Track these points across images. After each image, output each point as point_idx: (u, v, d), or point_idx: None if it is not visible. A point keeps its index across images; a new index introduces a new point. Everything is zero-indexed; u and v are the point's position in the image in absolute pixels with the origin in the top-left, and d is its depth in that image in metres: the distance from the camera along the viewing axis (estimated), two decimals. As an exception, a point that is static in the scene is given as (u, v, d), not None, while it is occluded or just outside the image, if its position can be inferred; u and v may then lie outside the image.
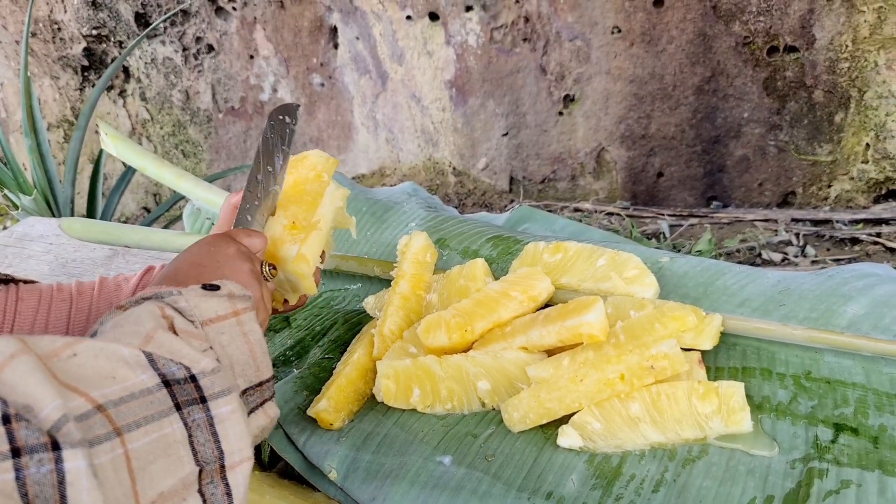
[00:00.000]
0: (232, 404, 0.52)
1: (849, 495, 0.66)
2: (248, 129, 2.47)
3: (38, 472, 0.38)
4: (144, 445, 0.46)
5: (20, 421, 0.39)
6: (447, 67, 1.97)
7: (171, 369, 0.50)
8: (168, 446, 0.47)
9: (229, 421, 0.51)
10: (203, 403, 0.51)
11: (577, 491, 0.73)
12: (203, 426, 0.50)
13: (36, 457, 0.39)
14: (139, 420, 0.46)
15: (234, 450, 0.51)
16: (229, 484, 0.51)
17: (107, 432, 0.44)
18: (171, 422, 0.48)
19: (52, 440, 0.40)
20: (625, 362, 0.77)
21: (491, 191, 2.09)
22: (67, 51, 2.59)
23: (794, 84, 1.55)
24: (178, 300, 0.58)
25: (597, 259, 0.96)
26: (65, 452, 0.40)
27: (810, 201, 1.65)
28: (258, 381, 0.60)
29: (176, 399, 0.49)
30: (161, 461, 0.46)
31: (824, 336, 0.81)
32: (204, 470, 0.49)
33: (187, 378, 0.51)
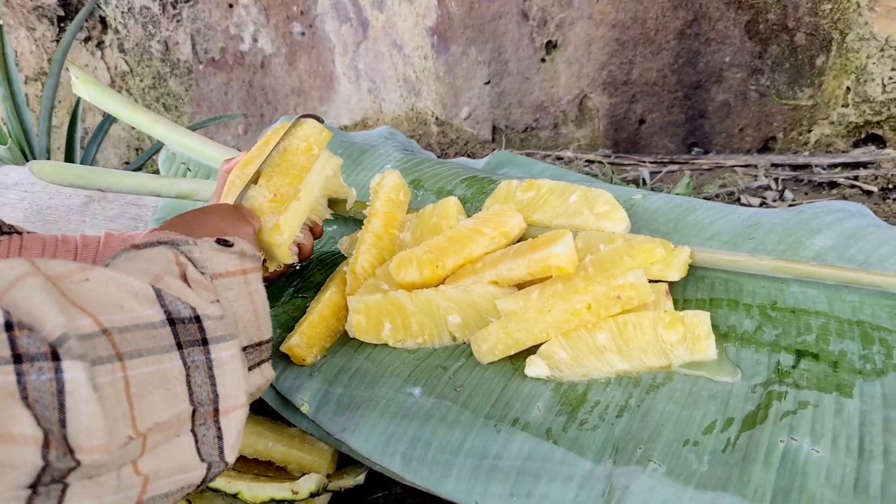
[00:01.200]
0: (232, 350, 0.53)
1: (805, 415, 0.67)
2: (229, 81, 2.44)
3: (38, 380, 0.39)
4: (144, 374, 0.46)
5: (22, 329, 0.40)
6: (428, 14, 1.94)
7: (178, 307, 0.51)
8: (167, 381, 0.48)
9: (228, 366, 0.52)
10: (204, 346, 0.52)
11: (542, 417, 0.74)
12: (202, 368, 0.51)
13: (36, 364, 0.40)
14: (141, 350, 0.47)
15: (230, 395, 0.52)
16: (221, 428, 0.52)
17: (109, 354, 0.45)
18: (171, 358, 0.49)
19: (53, 350, 0.41)
20: (592, 292, 0.78)
21: (474, 140, 2.08)
22: (42, 0, 2.53)
23: (775, 27, 1.54)
24: (193, 250, 0.59)
25: (569, 196, 0.96)
26: (64, 363, 0.41)
27: (790, 146, 1.65)
28: (258, 341, 0.61)
29: (178, 338, 0.50)
30: (159, 393, 0.47)
31: (790, 266, 0.82)
32: (198, 411, 0.50)
33: (192, 318, 0.52)
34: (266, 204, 0.85)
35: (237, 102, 2.45)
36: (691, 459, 0.66)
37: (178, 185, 1.13)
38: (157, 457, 0.47)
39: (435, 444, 0.74)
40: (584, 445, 0.70)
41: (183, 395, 0.49)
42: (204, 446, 0.51)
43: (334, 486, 0.86)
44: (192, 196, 1.14)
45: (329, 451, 0.87)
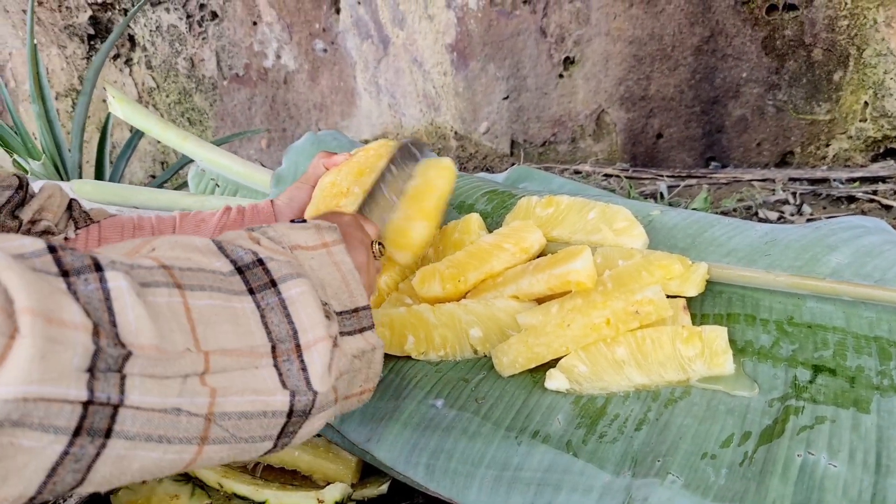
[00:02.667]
0: (301, 287, 0.53)
1: (822, 430, 0.68)
2: (252, 97, 2.49)
3: (86, 289, 0.41)
4: (206, 306, 0.47)
5: (65, 250, 0.42)
6: (448, 31, 1.97)
7: (239, 254, 0.53)
8: (236, 317, 0.49)
9: (300, 302, 0.53)
10: (274, 287, 0.52)
11: (562, 429, 0.76)
12: (276, 308, 0.52)
13: (82, 276, 0.41)
14: (204, 285, 0.48)
15: (307, 327, 0.53)
16: (304, 360, 0.52)
17: (166, 281, 0.46)
18: (241, 300, 0.50)
19: (96, 263, 0.43)
20: (610, 307, 0.80)
21: (492, 154, 2.11)
22: (73, 19, 2.60)
23: (793, 43, 1.55)
24: (268, 230, 0.60)
25: (588, 212, 0.98)
26: (107, 273, 0.42)
27: (808, 161, 1.65)
28: (353, 307, 0.61)
29: (249, 284, 0.51)
30: (227, 325, 0.48)
31: (807, 282, 0.83)
32: (278, 347, 0.51)
33: (255, 262, 0.53)
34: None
35: (260, 117, 2.49)
36: (709, 472, 0.67)
37: (208, 201, 1.17)
38: (228, 377, 0.48)
39: (457, 454, 0.75)
40: (604, 458, 0.71)
41: (259, 332, 0.50)
42: (289, 379, 0.51)
43: (358, 496, 0.88)
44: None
45: (353, 460, 0.89)
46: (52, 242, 0.42)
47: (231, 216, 0.94)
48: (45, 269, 0.40)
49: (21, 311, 0.37)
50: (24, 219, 0.80)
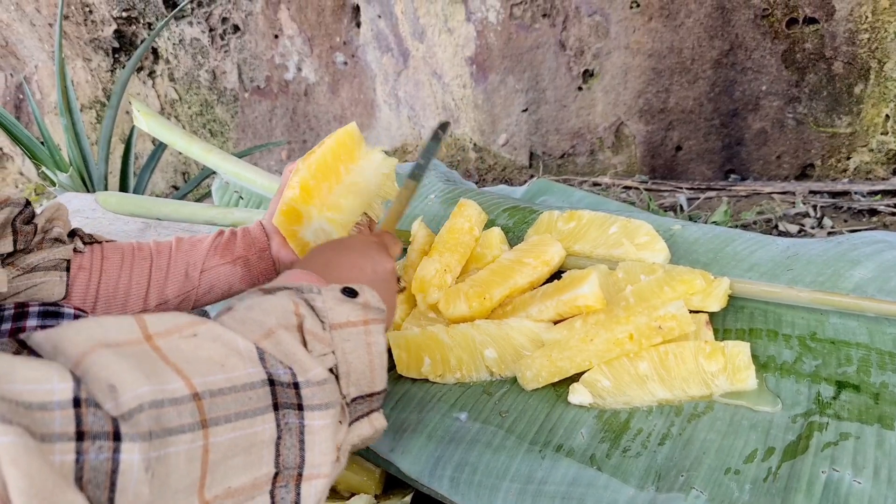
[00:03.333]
0: (326, 420, 0.53)
1: (847, 447, 0.69)
2: (273, 108, 2.52)
3: (97, 459, 0.40)
4: (228, 441, 0.47)
5: (89, 406, 0.41)
6: (468, 44, 1.99)
7: (278, 371, 0.51)
8: (252, 445, 0.48)
9: (319, 435, 0.52)
10: (300, 410, 0.51)
11: (586, 444, 0.77)
12: (294, 431, 0.51)
13: (97, 443, 0.40)
14: (230, 415, 0.47)
15: (316, 463, 0.52)
16: (301, 494, 0.51)
17: (192, 423, 0.45)
18: (264, 420, 0.49)
19: (115, 430, 0.41)
20: (634, 323, 0.80)
21: (511, 166, 2.12)
22: (98, 33, 2.65)
23: (813, 56, 1.55)
24: (316, 299, 0.59)
25: (609, 226, 0.99)
26: (124, 444, 0.41)
27: (829, 173, 1.65)
28: (369, 392, 0.61)
29: (276, 399, 0.50)
30: (240, 458, 0.47)
31: (830, 298, 0.83)
32: (281, 474, 0.50)
33: (291, 384, 0.52)
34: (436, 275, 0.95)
35: (281, 129, 2.52)
36: (733, 488, 0.68)
37: (231, 214, 1.18)
38: None
39: (481, 467, 0.76)
40: (628, 472, 0.72)
41: (268, 458, 0.49)
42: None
43: (382, 507, 0.89)
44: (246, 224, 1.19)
45: (377, 472, 0.90)
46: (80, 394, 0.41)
47: (223, 237, 0.93)
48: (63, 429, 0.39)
49: None
50: (38, 224, 0.82)
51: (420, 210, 1.19)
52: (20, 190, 3.24)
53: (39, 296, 0.78)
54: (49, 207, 0.86)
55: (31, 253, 0.80)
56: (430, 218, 1.17)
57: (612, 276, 0.91)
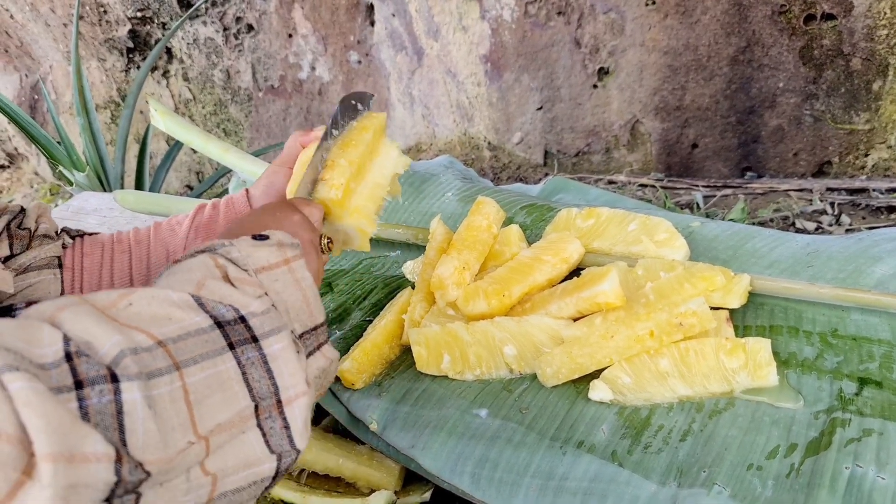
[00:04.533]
0: (283, 342, 0.54)
1: (870, 443, 0.68)
2: (287, 108, 2.53)
3: (100, 402, 0.42)
4: (201, 380, 0.48)
5: (80, 357, 0.43)
6: (482, 42, 1.99)
7: (220, 311, 0.53)
8: (223, 382, 0.50)
9: (281, 358, 0.53)
10: (255, 343, 0.53)
11: (607, 440, 0.77)
12: (257, 364, 0.52)
13: (97, 388, 0.42)
14: (196, 356, 0.49)
15: (289, 385, 0.53)
16: (287, 418, 0.53)
17: (167, 366, 0.47)
18: (224, 360, 0.50)
19: (111, 373, 0.43)
20: (654, 319, 0.80)
21: (526, 164, 2.12)
22: (113, 33, 2.67)
23: (830, 52, 1.54)
24: (231, 250, 0.60)
25: (628, 224, 0.99)
26: (122, 384, 0.43)
27: (846, 171, 1.64)
28: (312, 326, 0.62)
29: (229, 339, 0.51)
30: (217, 395, 0.49)
31: (851, 294, 0.83)
32: (260, 405, 0.51)
33: (236, 319, 0.53)
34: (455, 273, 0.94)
35: (295, 128, 2.53)
36: (755, 484, 0.68)
37: (249, 211, 1.19)
38: (223, 455, 0.49)
39: (502, 463, 0.77)
40: (649, 468, 0.72)
41: (242, 392, 0.51)
42: (272, 438, 0.52)
43: (402, 503, 0.90)
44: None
45: (397, 468, 0.90)
46: (70, 348, 0.43)
47: (204, 214, 0.92)
48: (61, 383, 0.41)
49: (42, 458, 0.37)
50: (30, 227, 0.83)
51: (438, 208, 1.20)
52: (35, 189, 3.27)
53: (36, 296, 0.79)
54: (33, 208, 0.86)
55: (21, 253, 0.81)
56: (448, 216, 1.17)
57: (631, 273, 0.91)
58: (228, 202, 0.93)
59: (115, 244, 0.90)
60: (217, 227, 0.91)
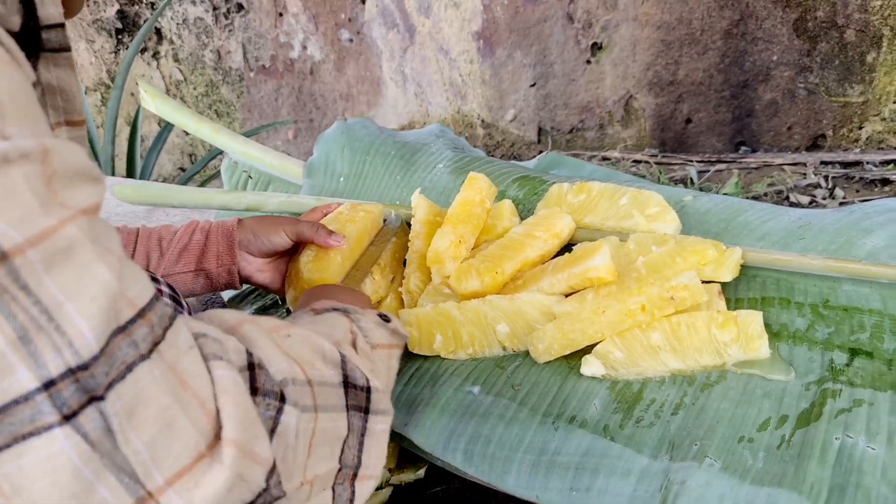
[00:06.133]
0: (386, 424, 0.59)
1: (860, 413, 0.68)
2: (279, 88, 2.51)
3: (265, 414, 0.45)
4: (325, 428, 0.52)
5: (261, 369, 0.46)
6: (474, 19, 1.97)
7: (356, 375, 0.57)
8: (334, 438, 0.53)
9: (376, 438, 0.58)
10: (365, 414, 0.57)
11: (599, 414, 0.77)
12: (356, 433, 0.56)
13: (267, 400, 0.46)
14: (327, 406, 0.52)
15: (370, 464, 0.57)
16: (355, 492, 0.56)
17: (311, 405, 0.50)
18: (342, 417, 0.54)
19: (281, 392, 0.47)
20: (645, 294, 0.80)
21: (520, 142, 2.11)
22: (101, 14, 2.64)
23: (824, 24, 1.53)
24: (361, 320, 0.65)
25: (619, 198, 0.98)
26: (287, 406, 0.47)
27: (840, 143, 1.64)
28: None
29: (348, 401, 0.55)
30: (326, 448, 0.52)
31: (842, 265, 0.83)
32: (341, 471, 0.54)
33: (364, 388, 0.57)
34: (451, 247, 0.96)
35: (287, 108, 2.51)
36: (747, 456, 0.68)
37: (245, 198, 1.19)
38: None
39: (495, 440, 0.77)
40: (641, 442, 0.72)
41: (337, 453, 0.54)
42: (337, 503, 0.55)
43: (396, 481, 0.90)
44: (258, 208, 1.19)
45: (391, 446, 0.90)
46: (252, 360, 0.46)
47: (193, 239, 0.95)
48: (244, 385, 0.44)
49: (227, 442, 0.40)
50: None
51: (429, 181, 1.19)
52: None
53: None
54: None
55: None
56: (440, 189, 1.16)
57: (623, 248, 0.91)
58: (220, 228, 0.97)
59: None
60: (207, 253, 0.95)
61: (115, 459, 0.36)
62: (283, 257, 1.01)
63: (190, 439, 0.39)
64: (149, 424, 0.38)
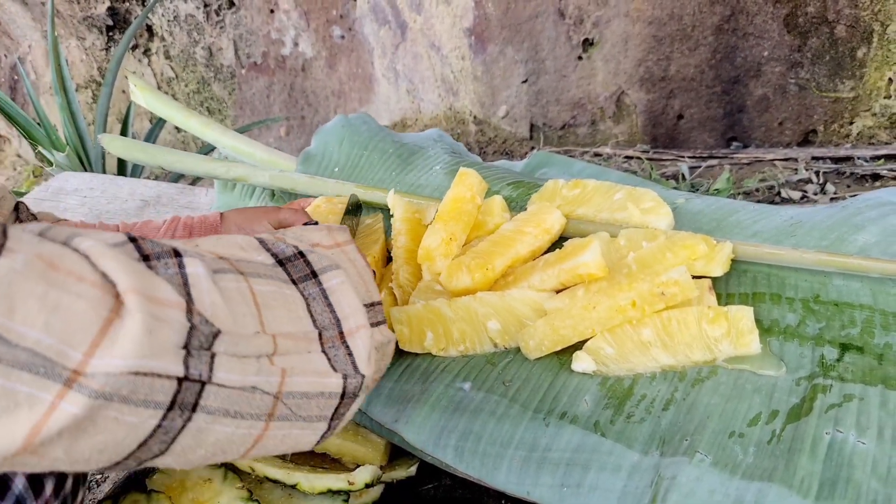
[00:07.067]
0: (339, 277, 0.57)
1: (850, 408, 0.69)
2: (270, 85, 2.50)
3: (167, 273, 0.44)
4: (267, 292, 0.51)
5: (144, 240, 0.45)
6: (465, 15, 1.97)
7: (281, 247, 0.56)
8: (289, 302, 0.52)
9: (339, 291, 0.56)
10: (315, 278, 0.56)
11: (590, 410, 0.77)
12: (318, 298, 0.55)
13: (162, 261, 0.45)
14: (260, 272, 0.52)
15: (348, 315, 0.56)
16: (349, 346, 0.55)
17: (231, 269, 0.49)
18: (290, 288, 0.53)
19: (174, 249, 0.46)
20: (636, 289, 0.80)
21: (512, 138, 2.10)
22: (92, 11, 2.62)
23: (815, 20, 1.53)
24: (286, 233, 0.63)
25: (614, 193, 0.98)
26: (185, 259, 0.46)
27: (831, 139, 1.64)
28: (370, 301, 0.63)
29: (291, 276, 0.55)
30: (283, 310, 0.51)
31: (833, 259, 0.83)
32: (323, 335, 0.54)
33: (296, 254, 0.56)
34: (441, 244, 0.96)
35: (279, 105, 2.50)
36: (737, 451, 0.68)
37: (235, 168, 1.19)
38: (290, 359, 0.51)
39: (486, 436, 0.77)
40: (632, 437, 0.72)
41: (306, 319, 0.53)
42: (337, 362, 0.54)
43: (387, 478, 0.90)
44: (246, 179, 1.19)
45: (382, 443, 0.90)
46: (131, 233, 0.45)
47: (177, 231, 0.95)
48: (129, 255, 0.43)
49: (127, 291, 0.40)
50: None
51: (425, 180, 1.18)
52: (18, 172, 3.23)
53: None
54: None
55: None
56: (435, 188, 1.16)
57: (613, 244, 0.90)
58: (203, 223, 0.97)
59: None
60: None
61: (18, 357, 0.37)
62: None
63: (86, 312, 0.39)
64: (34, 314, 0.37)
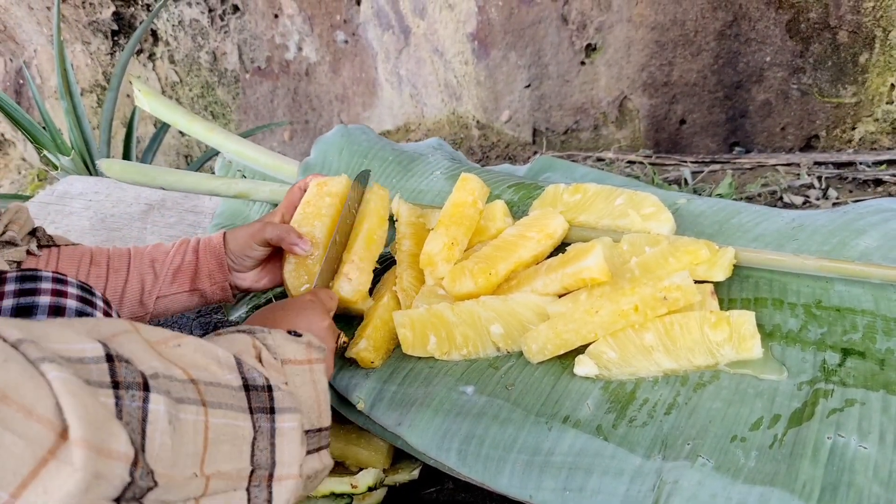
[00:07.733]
0: (294, 422, 0.58)
1: (852, 413, 0.69)
2: (274, 89, 2.51)
3: (131, 406, 0.45)
4: (221, 425, 0.52)
5: (121, 362, 0.46)
6: (469, 20, 1.97)
7: (254, 375, 0.57)
8: (236, 437, 0.53)
9: (287, 437, 0.58)
10: (271, 414, 0.57)
11: (592, 414, 0.77)
12: (265, 434, 0.56)
13: (130, 392, 0.45)
14: (222, 403, 0.53)
15: (285, 463, 0.57)
16: (272, 493, 0.56)
17: (195, 398, 0.50)
18: (244, 419, 0.54)
19: (145, 381, 0.46)
20: (638, 294, 0.80)
21: (514, 143, 2.11)
22: (97, 15, 2.63)
23: (817, 25, 1.54)
24: (267, 338, 0.65)
25: (615, 198, 0.98)
26: (152, 395, 0.46)
27: (834, 144, 1.64)
28: (318, 427, 0.66)
29: (251, 403, 0.56)
30: (228, 446, 0.52)
31: (835, 265, 0.83)
32: (255, 472, 0.55)
33: (265, 387, 0.58)
34: (444, 249, 0.96)
35: (283, 109, 2.51)
36: (739, 455, 0.68)
37: (235, 185, 1.19)
38: (216, 499, 0.52)
39: (488, 440, 0.77)
40: (634, 441, 0.72)
41: (246, 454, 0.54)
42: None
43: (390, 481, 0.90)
44: (248, 195, 1.19)
45: (385, 446, 0.91)
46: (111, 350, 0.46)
47: (185, 260, 0.96)
48: (99, 379, 0.44)
49: (76, 442, 0.39)
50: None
51: (426, 185, 1.19)
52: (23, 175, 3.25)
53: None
54: (8, 212, 0.87)
55: None
56: (436, 193, 1.16)
57: (616, 249, 0.91)
58: (207, 246, 0.98)
59: (91, 266, 0.92)
60: (199, 273, 0.97)
61: None
62: (274, 259, 1.01)
63: (23, 451, 0.38)
64: None
